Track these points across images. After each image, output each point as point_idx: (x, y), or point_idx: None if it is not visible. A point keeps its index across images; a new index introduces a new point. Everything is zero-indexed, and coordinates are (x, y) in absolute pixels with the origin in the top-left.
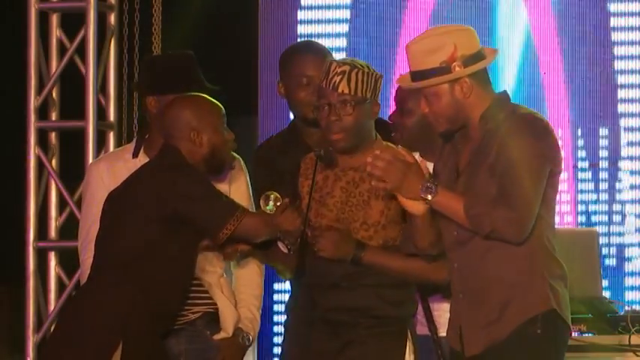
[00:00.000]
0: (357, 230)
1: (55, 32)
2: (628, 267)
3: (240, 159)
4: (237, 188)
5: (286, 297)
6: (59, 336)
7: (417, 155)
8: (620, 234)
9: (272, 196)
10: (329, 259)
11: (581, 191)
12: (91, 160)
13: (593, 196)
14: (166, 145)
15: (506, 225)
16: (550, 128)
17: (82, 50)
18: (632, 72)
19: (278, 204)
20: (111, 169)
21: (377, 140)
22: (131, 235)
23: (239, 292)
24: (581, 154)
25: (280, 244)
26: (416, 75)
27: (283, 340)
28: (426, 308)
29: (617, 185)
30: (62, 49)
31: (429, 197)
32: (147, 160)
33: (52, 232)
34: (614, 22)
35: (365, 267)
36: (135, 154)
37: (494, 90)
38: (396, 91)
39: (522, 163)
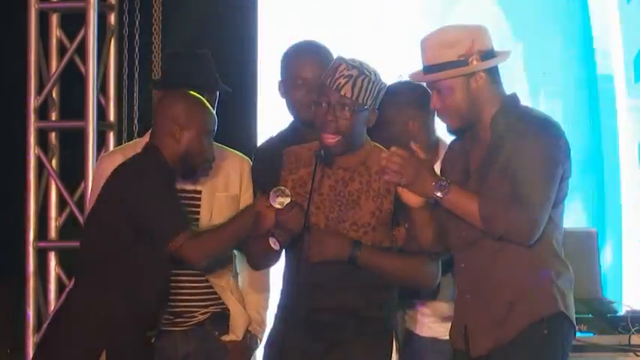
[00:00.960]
0: (346, 231)
1: (55, 32)
2: None
3: (250, 161)
4: (245, 192)
5: None
6: (47, 341)
7: None
8: None
9: (283, 191)
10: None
11: None
12: (91, 160)
13: None
14: (149, 143)
15: (519, 227)
16: (562, 132)
17: (82, 50)
18: None
19: (287, 201)
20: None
21: (366, 141)
22: (106, 237)
23: (246, 294)
24: None
25: (272, 240)
26: (431, 68)
27: (268, 341)
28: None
29: None
30: (62, 49)
31: (440, 195)
32: None
33: (52, 232)
34: None
35: (360, 267)
36: None
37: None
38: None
39: (535, 166)
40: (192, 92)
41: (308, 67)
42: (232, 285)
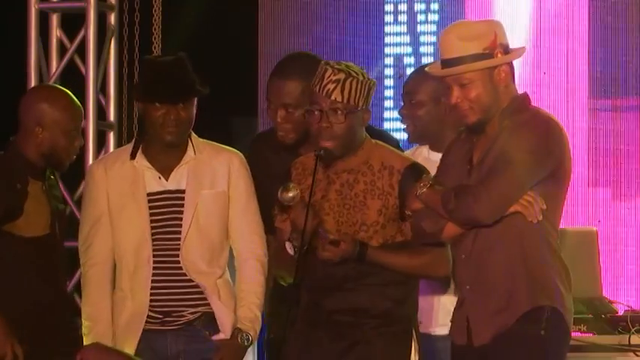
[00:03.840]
0: (356, 232)
1: (55, 32)
2: None
3: (242, 156)
4: (236, 187)
5: None
6: None
7: (426, 148)
8: None
9: (291, 189)
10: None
11: None
12: (91, 160)
13: None
14: (13, 139)
15: (470, 210)
16: (558, 131)
17: (82, 50)
18: None
19: (295, 194)
20: (109, 171)
21: (367, 140)
22: None
23: (240, 291)
24: None
25: (288, 245)
26: (452, 62)
27: (284, 342)
28: None
29: None
30: (62, 49)
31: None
32: (144, 161)
33: None
34: None
35: (368, 265)
36: (132, 156)
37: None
38: (405, 84)
39: (514, 157)
40: (57, 87)
41: (272, 88)
42: (221, 284)
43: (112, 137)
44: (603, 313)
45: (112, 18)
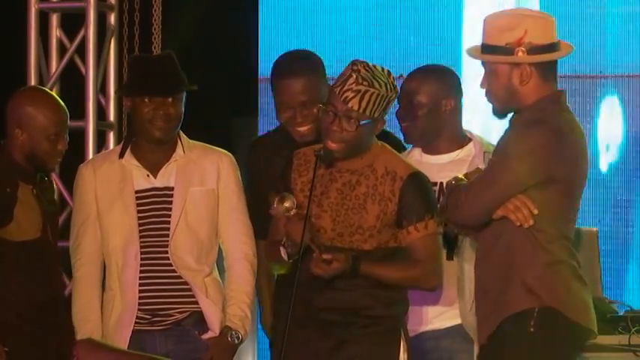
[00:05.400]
0: (352, 234)
1: (55, 32)
2: None
3: (232, 157)
4: (225, 187)
5: None
6: None
7: (418, 151)
8: None
9: (287, 199)
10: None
11: None
12: None
13: None
14: (3, 142)
15: (453, 212)
16: (558, 137)
17: (82, 50)
18: None
19: (292, 211)
20: (98, 170)
21: (374, 144)
22: None
23: (230, 290)
24: None
25: (282, 250)
26: (484, 48)
27: (274, 340)
28: None
29: None
30: (62, 49)
31: None
32: (133, 160)
33: None
34: None
35: (361, 277)
36: (121, 155)
37: (555, 86)
38: (402, 87)
39: (500, 160)
40: (43, 90)
41: (286, 89)
42: (209, 282)
43: (112, 137)
44: (603, 313)
45: (112, 18)
